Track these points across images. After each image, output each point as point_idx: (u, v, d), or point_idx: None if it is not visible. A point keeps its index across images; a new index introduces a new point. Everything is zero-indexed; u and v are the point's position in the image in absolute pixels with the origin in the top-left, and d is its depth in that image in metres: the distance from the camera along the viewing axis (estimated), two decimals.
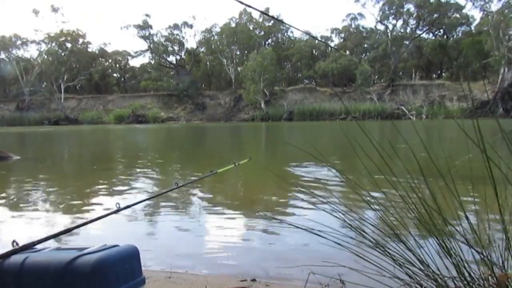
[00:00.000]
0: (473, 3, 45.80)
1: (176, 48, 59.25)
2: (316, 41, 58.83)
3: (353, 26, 56.37)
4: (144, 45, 70.12)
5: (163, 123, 48.42)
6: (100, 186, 5.33)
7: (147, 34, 57.20)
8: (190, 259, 2.48)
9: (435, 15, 50.02)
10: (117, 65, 63.35)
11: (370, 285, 1.31)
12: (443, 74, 53.17)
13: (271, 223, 3.21)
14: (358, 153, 1.44)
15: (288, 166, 6.63)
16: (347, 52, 54.50)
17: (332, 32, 58.28)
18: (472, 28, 49.36)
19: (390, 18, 52.16)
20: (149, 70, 60.17)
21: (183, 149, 12.68)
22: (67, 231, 1.40)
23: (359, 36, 55.31)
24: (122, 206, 1.58)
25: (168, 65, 60.00)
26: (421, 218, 1.26)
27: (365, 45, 54.83)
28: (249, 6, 1.10)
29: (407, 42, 51.26)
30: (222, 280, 2.08)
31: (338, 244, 1.34)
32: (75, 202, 4.34)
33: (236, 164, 2.94)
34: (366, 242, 1.33)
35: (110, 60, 62.96)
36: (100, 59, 60.95)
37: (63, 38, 54.97)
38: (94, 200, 4.48)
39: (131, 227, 3.22)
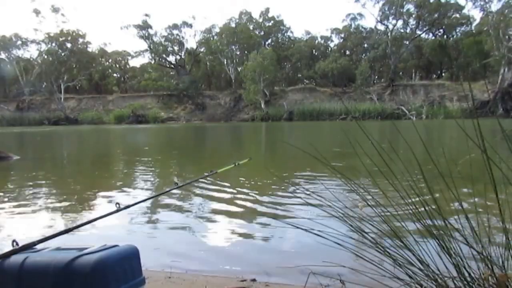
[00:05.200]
0: (473, 3, 45.82)
1: (176, 48, 59.26)
2: (316, 42, 58.87)
3: (353, 26, 56.40)
4: (144, 45, 70.11)
5: (163, 123, 48.43)
6: (100, 186, 5.33)
7: (146, 34, 57.21)
8: (190, 259, 2.48)
9: (435, 15, 50.03)
10: (117, 65, 63.36)
11: (370, 285, 1.31)
12: (443, 74, 53.19)
13: (271, 223, 3.21)
14: (358, 153, 1.44)
15: (288, 166, 6.62)
16: (347, 52, 54.58)
17: (332, 32, 58.32)
18: (472, 28, 49.36)
19: (390, 18, 52.21)
20: (149, 70, 60.17)
21: (183, 149, 12.68)
22: (67, 231, 1.40)
23: (359, 36, 55.30)
24: (122, 206, 1.58)
25: (168, 65, 59.99)
26: (421, 218, 1.26)
27: (365, 45, 54.83)
28: None
29: (407, 42, 51.27)
30: (222, 280, 2.08)
31: (338, 244, 1.34)
32: (75, 202, 4.34)
33: (236, 164, 2.94)
34: (366, 242, 1.33)
35: (110, 60, 62.97)
36: (100, 59, 60.95)
37: (63, 38, 54.97)
38: (94, 200, 4.48)
39: (131, 227, 3.22)
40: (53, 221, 3.56)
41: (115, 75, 63.87)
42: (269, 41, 59.34)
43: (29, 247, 1.22)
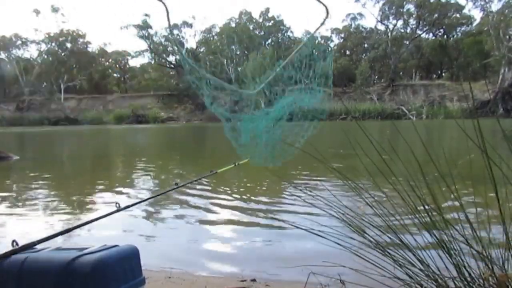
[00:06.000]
0: (474, 3, 45.89)
1: (176, 48, 59.26)
2: (316, 42, 58.79)
3: (353, 26, 56.43)
4: (144, 45, 70.12)
5: (163, 123, 48.48)
6: (100, 186, 5.32)
7: (146, 34, 57.22)
8: (190, 259, 2.48)
9: (435, 15, 50.07)
10: (117, 65, 63.39)
11: (370, 285, 1.31)
12: (443, 74, 53.20)
13: (271, 223, 3.21)
14: (358, 153, 1.44)
15: (287, 166, 6.62)
16: (347, 52, 54.65)
17: (332, 32, 58.32)
18: (473, 28, 49.43)
19: (390, 18, 52.28)
20: (149, 70, 60.20)
21: (183, 149, 12.68)
22: (67, 231, 1.40)
23: (359, 36, 55.32)
24: (122, 206, 1.58)
25: (168, 65, 60.02)
26: (421, 218, 1.26)
27: (365, 45, 54.87)
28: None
29: (407, 42, 51.31)
30: (222, 280, 2.08)
31: (338, 244, 1.34)
32: (75, 202, 4.34)
33: (236, 164, 2.93)
34: (366, 242, 1.33)
35: (110, 60, 62.99)
36: (100, 59, 60.99)
37: (63, 38, 55.02)
38: (94, 200, 4.48)
39: (131, 227, 3.22)
40: (53, 221, 3.56)
41: (115, 75, 63.89)
42: (269, 41, 59.37)
43: (29, 247, 1.22)
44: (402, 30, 52.44)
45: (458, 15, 50.17)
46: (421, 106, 43.51)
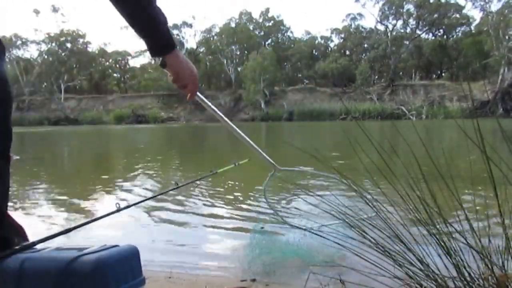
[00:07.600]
0: (473, 3, 45.93)
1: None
2: (316, 42, 58.92)
3: (353, 26, 56.50)
4: (144, 45, 70.11)
5: (163, 123, 48.51)
6: (100, 186, 5.32)
7: None
8: (190, 259, 2.48)
9: (435, 15, 50.12)
10: (117, 65, 63.44)
11: (370, 285, 1.31)
12: (443, 74, 53.23)
13: (271, 223, 3.21)
14: (358, 153, 1.44)
15: (287, 166, 6.61)
16: (347, 52, 54.67)
17: (332, 32, 58.39)
18: (472, 28, 49.50)
19: (390, 18, 52.35)
20: (149, 70, 60.24)
21: (184, 149, 12.68)
22: (67, 231, 1.40)
23: (359, 36, 55.38)
24: (122, 206, 1.57)
25: None
26: (421, 218, 1.26)
27: (365, 45, 54.93)
28: None
29: (407, 42, 51.35)
30: (222, 280, 2.08)
31: (338, 244, 1.34)
32: (75, 202, 4.34)
33: (236, 164, 2.93)
34: (366, 242, 1.33)
35: (110, 60, 63.03)
36: (100, 59, 61.03)
37: (63, 38, 55.07)
38: (94, 200, 4.48)
39: (131, 227, 3.22)
40: (53, 221, 3.56)
41: (115, 75, 63.95)
42: (269, 41, 59.40)
43: (29, 247, 1.22)
44: (402, 30, 52.57)
45: (457, 15, 50.24)
46: (421, 106, 43.56)
